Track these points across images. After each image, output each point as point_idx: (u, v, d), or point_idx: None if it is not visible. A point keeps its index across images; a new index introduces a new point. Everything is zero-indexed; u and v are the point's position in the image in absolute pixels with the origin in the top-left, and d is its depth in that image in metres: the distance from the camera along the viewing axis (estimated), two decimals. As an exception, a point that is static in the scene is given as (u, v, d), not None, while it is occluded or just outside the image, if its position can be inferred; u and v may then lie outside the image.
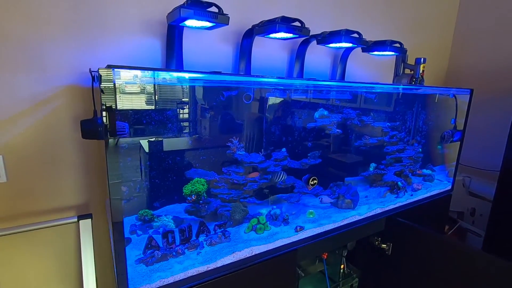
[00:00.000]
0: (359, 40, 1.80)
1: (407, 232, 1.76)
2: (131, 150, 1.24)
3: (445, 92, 2.20)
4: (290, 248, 1.39)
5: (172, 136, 1.40)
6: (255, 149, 1.63)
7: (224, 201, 1.50)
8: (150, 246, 1.18)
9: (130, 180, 1.21)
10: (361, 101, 1.83)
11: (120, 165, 1.38)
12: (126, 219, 1.41)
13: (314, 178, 1.52)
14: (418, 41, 2.82)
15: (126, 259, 1.01)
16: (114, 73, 0.88)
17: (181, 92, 1.41)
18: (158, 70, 1.08)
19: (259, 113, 1.64)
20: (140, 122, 1.25)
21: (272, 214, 1.48)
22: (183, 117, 1.45)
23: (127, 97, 1.11)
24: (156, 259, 1.17)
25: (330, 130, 1.65)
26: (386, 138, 1.88)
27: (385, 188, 1.88)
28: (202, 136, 1.61)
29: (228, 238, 1.33)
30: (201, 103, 1.51)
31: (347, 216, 1.60)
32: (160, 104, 1.34)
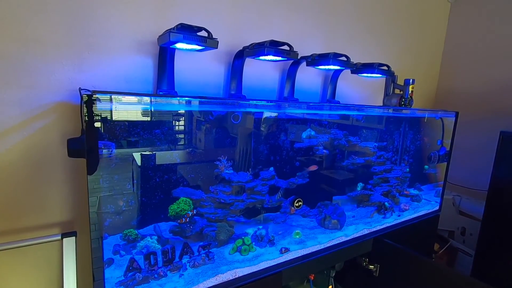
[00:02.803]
0: (346, 63, 1.82)
1: (394, 254, 1.74)
2: (115, 168, 1.24)
3: (431, 115, 2.22)
4: (274, 270, 1.37)
5: (157, 152, 1.39)
6: (243, 168, 1.63)
7: (210, 220, 1.48)
8: (131, 268, 1.16)
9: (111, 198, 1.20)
10: (349, 122, 1.84)
11: (100, 183, 1.36)
12: (111, 238, 1.38)
13: (299, 200, 1.51)
14: (408, 64, 2.87)
15: (104, 283, 0.99)
16: (97, 100, 0.88)
17: (165, 115, 1.41)
18: (142, 95, 1.07)
19: (247, 133, 1.64)
20: (124, 143, 1.24)
21: (257, 235, 1.46)
22: (168, 137, 1.44)
23: (111, 119, 1.11)
24: (137, 282, 1.14)
25: (317, 150, 1.65)
26: (374, 158, 1.88)
27: (372, 208, 1.87)
28: (190, 154, 1.60)
29: (212, 260, 1.31)
30: (188, 125, 1.51)
31: (333, 238, 1.58)
32: (144, 126, 1.34)
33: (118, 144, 1.21)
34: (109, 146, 1.19)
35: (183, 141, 1.55)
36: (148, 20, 1.54)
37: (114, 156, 1.23)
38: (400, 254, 1.72)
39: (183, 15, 1.64)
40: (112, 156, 1.23)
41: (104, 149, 1.19)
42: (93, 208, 0.95)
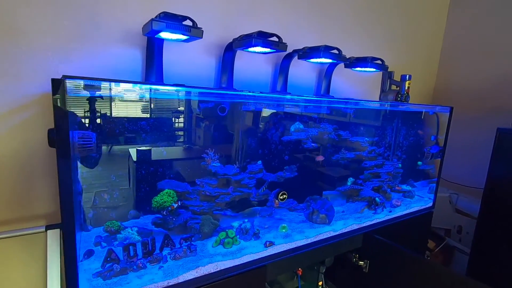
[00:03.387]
0: (338, 56, 1.78)
1: (384, 250, 1.69)
2: (93, 159, 1.21)
3: (425, 110, 2.17)
4: (258, 264, 1.33)
5: (137, 146, 1.36)
6: (230, 161, 1.59)
7: (195, 213, 1.45)
8: (109, 259, 1.13)
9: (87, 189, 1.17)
10: (342, 117, 1.80)
11: (74, 174, 1.34)
12: (94, 230, 1.36)
13: (284, 193, 1.47)
14: (406, 60, 2.81)
15: (77, 273, 0.96)
16: (65, 84, 0.85)
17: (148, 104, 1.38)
18: (118, 82, 1.04)
19: (234, 125, 1.60)
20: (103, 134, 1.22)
21: (242, 228, 1.42)
22: (153, 130, 1.42)
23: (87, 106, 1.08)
24: (115, 273, 1.11)
25: (305, 143, 1.61)
26: (365, 153, 1.84)
27: (362, 203, 1.82)
28: (177, 148, 1.57)
29: (194, 252, 1.27)
30: (169, 115, 1.47)
31: (321, 232, 1.54)
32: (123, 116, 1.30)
33: (98, 135, 1.19)
34: (86, 136, 1.16)
35: (169, 134, 1.52)
36: (136, 11, 1.52)
37: (93, 147, 1.21)
38: (390, 250, 1.67)
39: (173, 7, 1.61)
40: (91, 147, 1.20)
41: (79, 139, 1.16)
42: (63, 199, 0.92)
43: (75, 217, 0.93)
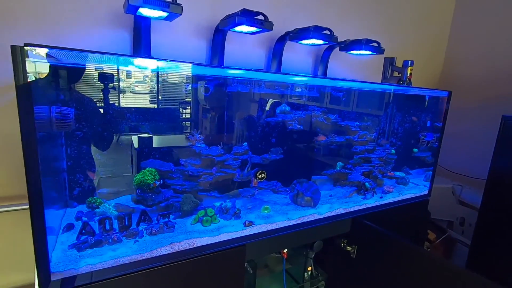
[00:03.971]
0: (329, 37, 1.72)
1: (372, 236, 1.64)
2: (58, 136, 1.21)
3: (421, 92, 2.07)
4: (237, 243, 1.31)
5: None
6: (215, 142, 1.57)
7: (177, 192, 1.44)
8: (84, 231, 1.14)
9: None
10: (328, 99, 1.75)
11: (58, 151, 1.35)
12: (80, 207, 1.38)
13: (262, 172, 1.44)
14: (412, 45, 2.69)
15: (46, 242, 0.96)
16: (24, 52, 0.84)
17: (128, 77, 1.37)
18: (87, 52, 1.03)
19: (220, 106, 1.58)
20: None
21: (223, 207, 1.40)
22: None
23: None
24: (89, 245, 1.12)
25: (291, 125, 1.57)
26: (355, 138, 1.78)
27: (352, 188, 1.77)
28: (159, 126, 1.56)
29: (172, 229, 1.27)
30: (129, 88, 1.44)
31: (305, 214, 1.51)
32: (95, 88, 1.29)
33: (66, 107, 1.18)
34: (64, 111, 1.16)
35: (150, 114, 1.51)
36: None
37: (71, 123, 1.21)
38: (378, 236, 1.62)
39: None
40: (69, 122, 1.20)
41: (57, 114, 1.16)
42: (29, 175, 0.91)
43: (42, 193, 0.92)
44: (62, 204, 1.37)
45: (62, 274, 1.01)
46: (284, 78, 1.58)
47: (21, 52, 0.84)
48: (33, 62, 0.89)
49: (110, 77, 1.33)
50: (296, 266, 1.90)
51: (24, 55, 0.84)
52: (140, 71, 1.45)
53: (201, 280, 1.25)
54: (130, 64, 1.36)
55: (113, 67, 1.33)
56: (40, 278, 0.97)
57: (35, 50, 0.87)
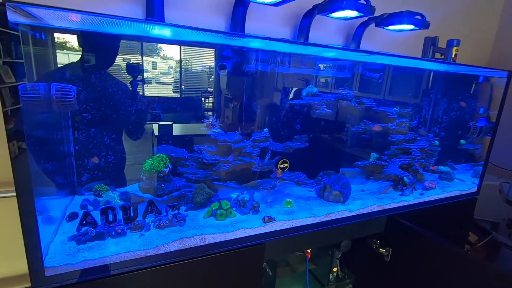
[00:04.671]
0: (366, 8, 1.46)
1: (411, 237, 1.40)
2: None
3: (475, 72, 1.74)
4: (254, 241, 1.13)
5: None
6: (233, 127, 1.40)
7: (190, 181, 1.29)
8: (85, 222, 1.01)
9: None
10: (361, 82, 1.50)
11: (65, 134, 1.22)
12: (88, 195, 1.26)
13: (285, 161, 1.24)
14: (456, 21, 2.31)
15: (38, 233, 0.84)
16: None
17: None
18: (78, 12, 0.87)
19: (238, 87, 1.39)
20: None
21: (239, 200, 1.23)
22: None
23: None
24: (90, 237, 0.99)
25: (318, 109, 1.35)
26: (392, 126, 1.52)
27: (387, 183, 1.53)
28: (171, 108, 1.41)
29: (181, 222, 1.11)
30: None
31: (332, 211, 1.30)
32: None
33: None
34: (65, 89, 1.03)
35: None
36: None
37: (72, 102, 1.07)
38: (418, 238, 1.38)
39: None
40: (71, 101, 1.07)
41: (57, 92, 1.03)
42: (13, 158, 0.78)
43: (30, 179, 0.80)
44: (69, 190, 1.27)
45: (56, 270, 0.89)
46: (312, 50, 1.34)
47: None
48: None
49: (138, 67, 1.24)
50: (320, 266, 1.70)
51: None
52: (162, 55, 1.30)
53: (212, 282, 1.10)
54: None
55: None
56: (32, 274, 0.85)
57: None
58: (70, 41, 1.13)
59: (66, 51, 1.13)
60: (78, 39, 1.12)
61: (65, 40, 1.13)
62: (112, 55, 1.22)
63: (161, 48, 1.47)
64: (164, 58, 1.40)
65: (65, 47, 1.13)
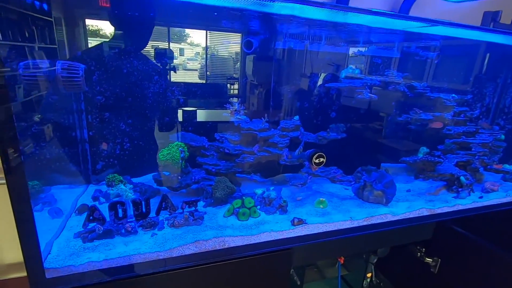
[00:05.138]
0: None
1: (466, 248, 1.17)
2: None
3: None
4: (280, 246, 0.97)
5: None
6: (259, 114, 1.22)
7: (210, 173, 1.14)
8: (92, 218, 0.89)
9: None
10: (412, 63, 1.25)
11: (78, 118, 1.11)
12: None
13: (321, 155, 1.04)
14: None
15: (36, 232, 0.72)
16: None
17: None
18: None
19: (265, 68, 1.21)
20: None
21: (265, 197, 1.06)
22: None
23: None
24: (97, 235, 0.87)
25: (359, 94, 1.13)
26: (449, 115, 1.27)
27: (439, 183, 1.29)
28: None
29: (199, 221, 0.97)
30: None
31: (373, 214, 1.10)
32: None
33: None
34: (72, 67, 0.90)
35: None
36: None
37: (80, 82, 0.94)
38: (475, 249, 1.15)
39: None
40: (79, 82, 0.94)
41: (63, 70, 0.90)
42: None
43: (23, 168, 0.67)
44: (82, 180, 1.17)
45: (58, 272, 0.78)
46: (353, 18, 1.09)
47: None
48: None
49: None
50: (353, 273, 1.51)
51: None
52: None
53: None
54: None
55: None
56: (30, 277, 0.75)
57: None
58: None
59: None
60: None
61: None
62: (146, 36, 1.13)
63: (188, 34, 1.37)
64: (191, 45, 1.36)
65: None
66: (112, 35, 1.11)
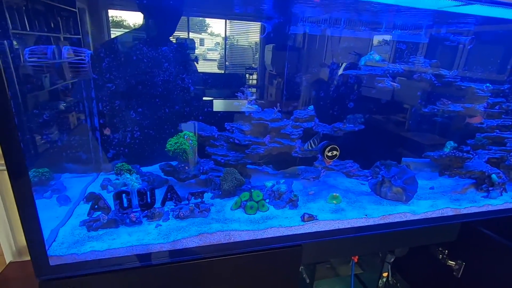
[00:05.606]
0: None
1: (495, 252, 1.06)
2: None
3: None
4: (289, 242, 0.91)
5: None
6: (272, 103, 1.15)
7: (219, 164, 1.09)
8: (97, 207, 0.87)
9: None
10: (441, 49, 1.12)
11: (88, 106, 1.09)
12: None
13: (334, 148, 0.96)
14: None
15: (39, 221, 0.71)
16: None
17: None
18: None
19: (278, 55, 1.13)
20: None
21: (274, 191, 1.00)
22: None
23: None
24: (102, 224, 0.85)
25: (380, 83, 1.03)
26: (481, 107, 1.14)
27: (467, 180, 1.17)
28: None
29: (204, 213, 0.93)
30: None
31: (391, 212, 1.01)
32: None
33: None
34: (78, 53, 0.87)
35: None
36: None
37: (87, 68, 0.91)
38: (506, 254, 1.03)
39: None
40: (85, 68, 0.91)
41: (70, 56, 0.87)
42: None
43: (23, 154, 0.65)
44: (93, 167, 1.16)
45: (62, 259, 0.77)
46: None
47: None
48: None
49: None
50: (368, 270, 1.43)
51: None
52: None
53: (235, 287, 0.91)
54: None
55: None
56: (34, 264, 0.74)
57: None
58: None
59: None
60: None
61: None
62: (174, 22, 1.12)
63: (208, 24, 1.34)
64: (211, 35, 1.33)
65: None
66: (137, 24, 1.09)
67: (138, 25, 1.09)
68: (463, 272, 1.14)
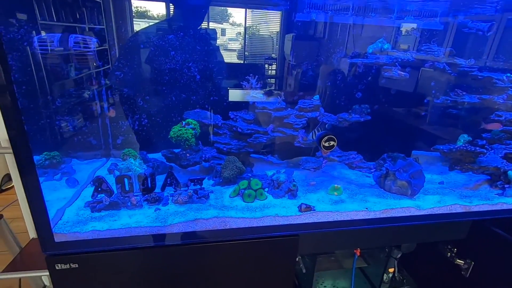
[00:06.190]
0: None
1: (507, 253, 0.99)
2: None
3: None
4: (285, 232, 0.90)
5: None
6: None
7: (221, 152, 1.09)
8: (100, 189, 0.90)
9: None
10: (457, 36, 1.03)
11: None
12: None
13: (331, 138, 0.93)
14: None
15: (43, 195, 0.75)
16: None
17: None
18: None
19: (303, 46, 1.10)
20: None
21: (274, 180, 0.99)
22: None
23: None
24: (104, 206, 0.88)
25: (388, 72, 0.98)
26: (500, 99, 1.05)
27: (481, 176, 1.09)
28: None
29: (203, 199, 0.94)
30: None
31: (394, 206, 0.97)
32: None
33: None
34: (84, 41, 0.89)
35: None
36: None
37: (93, 56, 0.93)
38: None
39: None
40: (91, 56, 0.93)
41: (76, 44, 0.90)
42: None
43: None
44: (103, 152, 1.20)
45: (66, 237, 0.80)
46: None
47: None
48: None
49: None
50: (374, 267, 1.39)
51: None
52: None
53: (229, 273, 0.91)
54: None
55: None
56: (41, 240, 0.78)
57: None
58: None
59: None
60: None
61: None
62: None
63: (230, 14, 1.33)
64: (232, 24, 1.33)
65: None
66: (161, 15, 1.09)
67: (169, 15, 1.09)
68: (472, 271, 1.08)
